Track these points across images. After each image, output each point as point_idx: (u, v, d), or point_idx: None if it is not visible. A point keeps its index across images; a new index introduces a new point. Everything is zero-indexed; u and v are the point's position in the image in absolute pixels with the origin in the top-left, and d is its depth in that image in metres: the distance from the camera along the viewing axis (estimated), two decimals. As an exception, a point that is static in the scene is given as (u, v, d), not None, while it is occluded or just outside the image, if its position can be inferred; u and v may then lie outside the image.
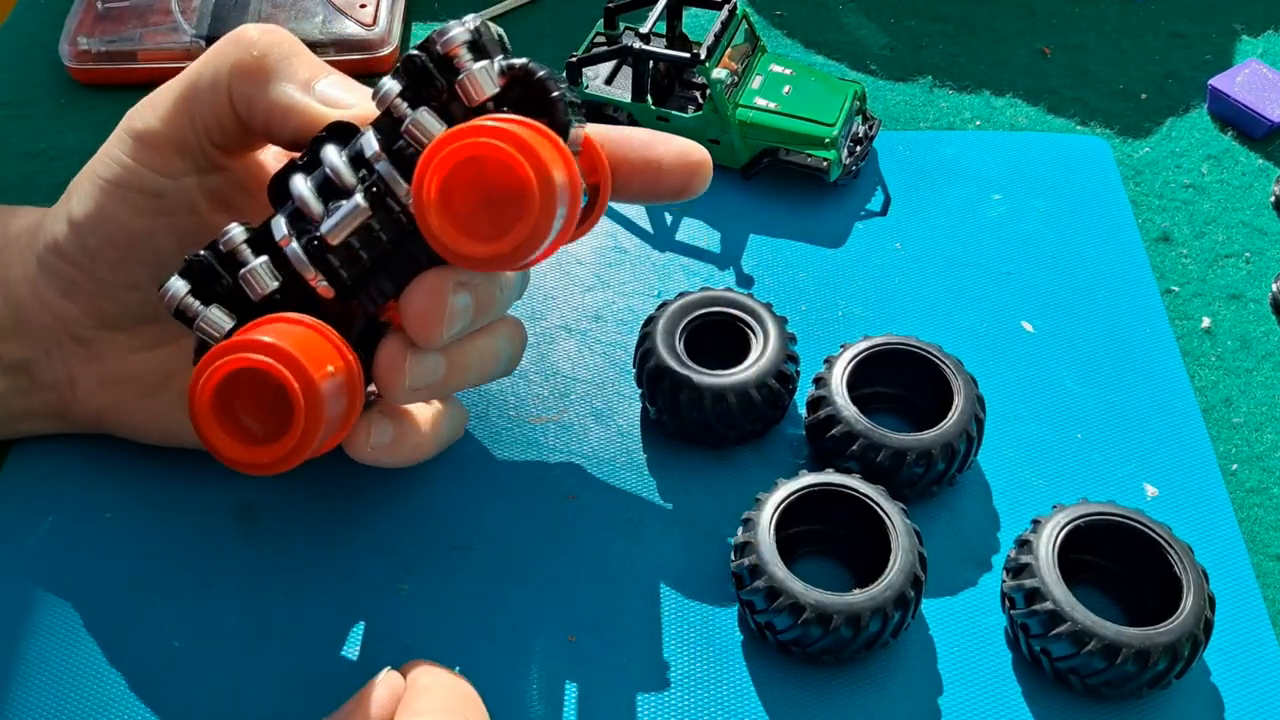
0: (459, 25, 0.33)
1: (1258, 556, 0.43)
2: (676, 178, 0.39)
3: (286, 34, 0.38)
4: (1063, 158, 0.57)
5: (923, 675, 0.40)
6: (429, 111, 0.33)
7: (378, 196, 0.34)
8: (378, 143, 0.34)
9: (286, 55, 0.37)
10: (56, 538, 0.42)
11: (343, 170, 0.34)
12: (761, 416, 0.44)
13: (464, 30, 0.33)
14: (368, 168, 0.34)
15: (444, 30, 0.33)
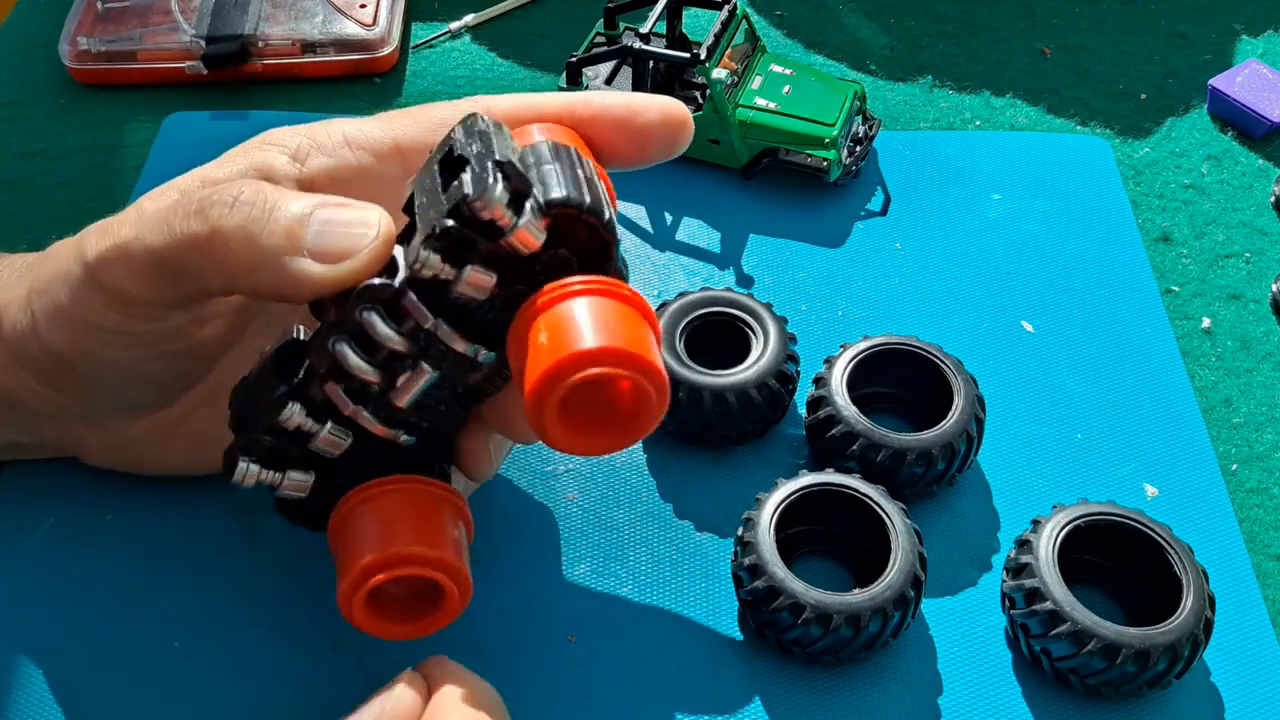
0: (493, 180, 0.29)
1: (1258, 556, 0.43)
2: (661, 142, 0.37)
3: (238, 183, 0.34)
4: (1063, 158, 0.57)
5: (923, 675, 0.40)
6: (477, 270, 0.31)
7: (438, 355, 0.32)
8: (424, 305, 0.31)
9: (247, 223, 0.32)
10: (57, 538, 0.42)
11: (396, 338, 0.32)
12: (761, 416, 0.44)
13: (502, 188, 0.30)
14: (418, 328, 0.32)
15: (481, 195, 0.29)
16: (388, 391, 0.33)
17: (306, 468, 0.34)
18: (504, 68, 0.61)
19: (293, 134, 0.37)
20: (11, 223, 0.54)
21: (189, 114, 0.58)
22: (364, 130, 0.37)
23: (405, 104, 0.59)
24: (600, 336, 0.29)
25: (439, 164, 0.32)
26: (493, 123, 0.32)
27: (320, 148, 0.37)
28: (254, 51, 0.59)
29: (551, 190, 0.30)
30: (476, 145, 0.31)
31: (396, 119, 0.38)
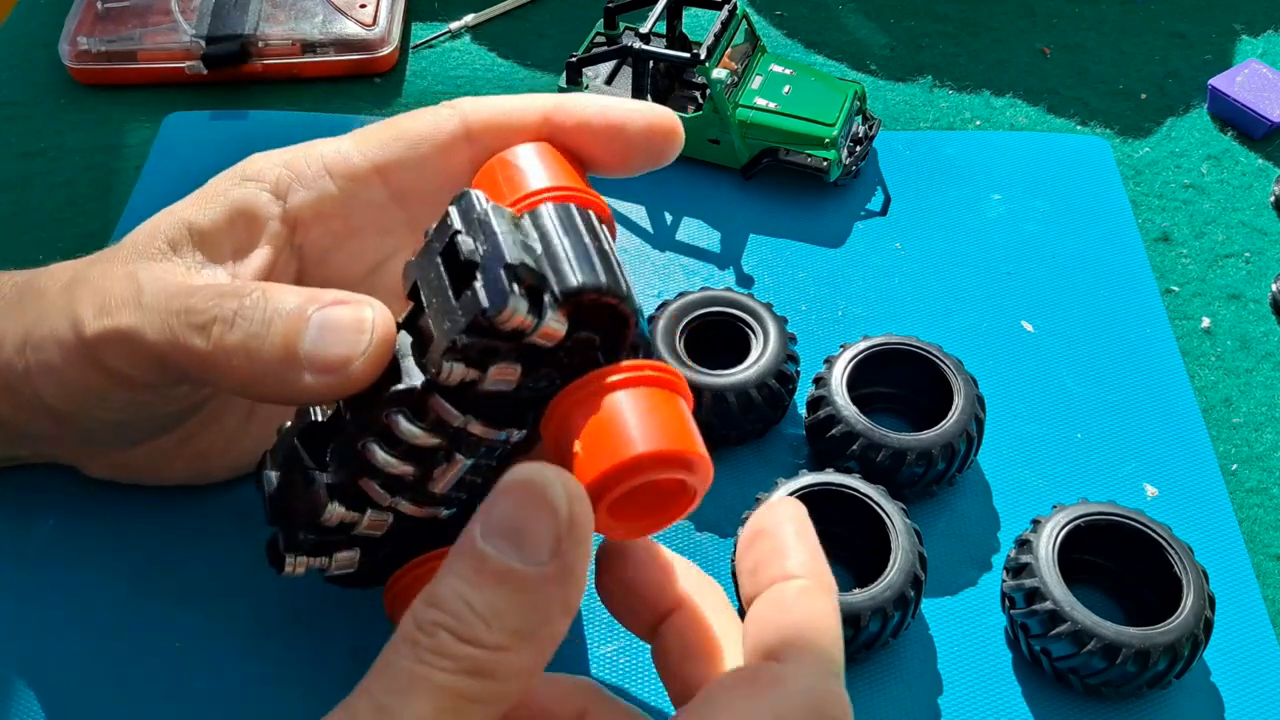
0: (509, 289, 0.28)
1: (1258, 556, 0.43)
2: (646, 152, 0.36)
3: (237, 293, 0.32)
4: (1063, 158, 0.57)
5: (923, 675, 0.40)
6: (502, 366, 0.30)
7: (473, 446, 0.32)
8: (451, 403, 0.31)
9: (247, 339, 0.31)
10: (58, 539, 0.42)
11: (427, 438, 0.31)
12: (761, 416, 0.44)
13: (519, 299, 0.28)
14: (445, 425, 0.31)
15: (499, 308, 0.28)
16: (424, 481, 0.33)
17: (350, 546, 0.35)
18: (504, 68, 0.61)
19: (271, 165, 0.36)
20: (11, 223, 0.54)
21: (189, 114, 0.58)
22: (342, 154, 0.37)
23: (405, 104, 0.59)
24: (648, 440, 0.28)
25: (442, 256, 0.30)
26: (489, 204, 0.30)
27: (300, 179, 0.36)
28: (254, 51, 0.59)
29: (568, 279, 0.29)
30: (481, 242, 0.29)
31: (374, 136, 0.37)
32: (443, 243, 0.30)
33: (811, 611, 0.29)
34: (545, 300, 0.29)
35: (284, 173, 0.36)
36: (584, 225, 0.31)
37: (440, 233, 0.30)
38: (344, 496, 0.33)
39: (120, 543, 0.42)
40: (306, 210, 0.36)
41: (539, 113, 0.36)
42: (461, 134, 0.36)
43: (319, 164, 0.36)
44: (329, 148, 0.37)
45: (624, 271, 0.31)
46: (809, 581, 0.29)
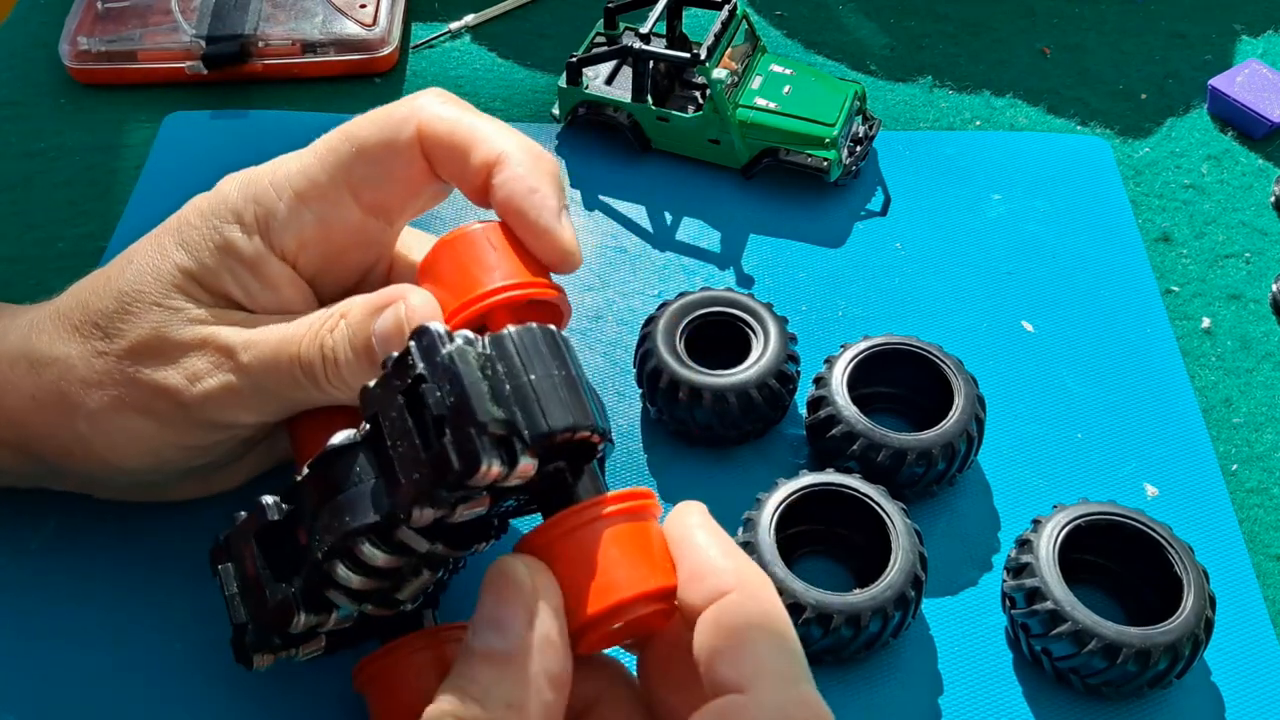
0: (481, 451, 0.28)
1: (1258, 556, 0.43)
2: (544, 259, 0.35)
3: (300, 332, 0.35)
4: (1063, 158, 0.57)
5: (923, 675, 0.40)
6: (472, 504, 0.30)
7: (440, 562, 0.33)
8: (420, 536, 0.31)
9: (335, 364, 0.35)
10: (60, 539, 0.42)
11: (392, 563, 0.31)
12: (762, 416, 0.44)
13: (492, 458, 0.28)
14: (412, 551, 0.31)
15: (474, 469, 0.28)
16: (392, 592, 0.33)
17: (316, 638, 0.35)
18: (504, 68, 0.61)
19: (245, 202, 0.36)
20: (11, 223, 0.54)
21: (189, 114, 0.58)
22: (310, 178, 0.36)
23: (405, 104, 0.59)
24: (631, 584, 0.29)
25: (405, 398, 0.29)
26: (452, 345, 0.29)
27: (273, 213, 0.36)
28: (254, 51, 0.59)
29: (539, 425, 0.28)
30: (447, 392, 0.28)
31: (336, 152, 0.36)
32: (404, 382, 0.29)
33: (751, 625, 0.28)
34: (517, 447, 0.28)
35: (257, 208, 0.36)
36: (549, 349, 0.30)
37: (400, 370, 0.29)
38: (310, 604, 0.32)
39: (121, 544, 0.42)
40: (290, 240, 0.36)
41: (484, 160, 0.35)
42: (416, 147, 0.36)
43: (289, 192, 0.36)
44: (295, 171, 0.36)
45: (590, 392, 0.31)
46: (736, 593, 0.29)
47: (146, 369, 0.35)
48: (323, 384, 0.35)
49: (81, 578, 0.41)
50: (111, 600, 0.41)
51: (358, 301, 0.35)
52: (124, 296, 0.36)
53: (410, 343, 0.29)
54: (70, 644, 0.39)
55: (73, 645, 0.39)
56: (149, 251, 0.36)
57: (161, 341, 0.35)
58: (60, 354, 0.36)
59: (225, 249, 0.36)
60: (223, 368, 0.35)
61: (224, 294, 0.36)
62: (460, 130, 0.35)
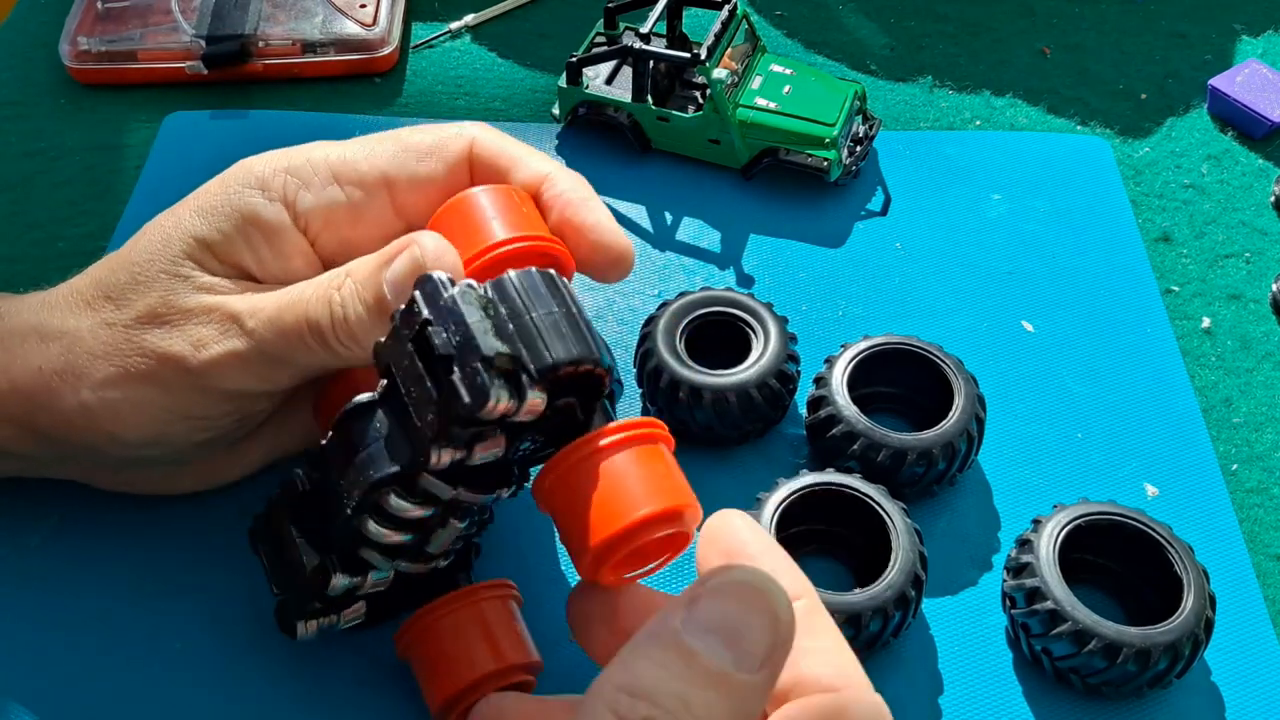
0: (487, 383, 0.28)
1: (1258, 556, 0.43)
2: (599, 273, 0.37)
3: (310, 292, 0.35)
4: (1063, 158, 0.57)
5: (923, 675, 0.40)
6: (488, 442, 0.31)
7: (465, 510, 0.34)
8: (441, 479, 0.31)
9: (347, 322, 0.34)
10: (60, 538, 0.42)
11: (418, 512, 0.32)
12: (762, 416, 0.44)
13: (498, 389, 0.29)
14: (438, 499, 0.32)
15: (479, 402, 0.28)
16: (423, 545, 0.34)
17: (356, 602, 0.36)
18: (504, 68, 0.61)
19: (274, 171, 0.37)
20: (11, 223, 0.54)
21: (189, 114, 0.58)
22: (348, 161, 0.37)
23: (405, 104, 0.59)
24: (648, 500, 0.30)
25: (414, 344, 0.30)
26: (455, 288, 0.30)
27: (306, 185, 0.36)
28: (254, 51, 0.59)
29: (544, 357, 0.29)
30: (452, 332, 0.29)
31: (380, 146, 0.37)
32: (412, 330, 0.30)
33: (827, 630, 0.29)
34: (524, 381, 0.29)
35: (289, 179, 0.36)
36: (549, 290, 0.31)
37: (408, 319, 0.30)
38: (345, 565, 0.33)
39: (121, 541, 0.42)
40: (316, 217, 0.36)
41: (534, 174, 0.36)
42: (466, 160, 0.37)
43: (325, 170, 0.37)
44: (333, 153, 0.37)
45: (592, 329, 0.31)
46: (805, 600, 0.29)
47: (152, 337, 0.35)
48: (332, 343, 0.34)
49: (83, 574, 0.41)
50: (113, 597, 0.41)
51: (364, 259, 0.35)
52: (134, 267, 0.36)
53: (415, 291, 0.30)
54: (71, 640, 0.39)
55: (74, 641, 0.39)
56: (164, 223, 0.37)
57: (168, 308, 0.35)
58: (70, 326, 0.36)
59: (246, 214, 0.36)
60: (229, 334, 0.35)
61: (236, 263, 0.36)
62: (509, 148, 0.37)
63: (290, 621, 0.35)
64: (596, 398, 0.32)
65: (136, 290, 0.36)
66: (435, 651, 0.36)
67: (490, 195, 0.36)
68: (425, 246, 0.33)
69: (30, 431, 0.38)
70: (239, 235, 0.36)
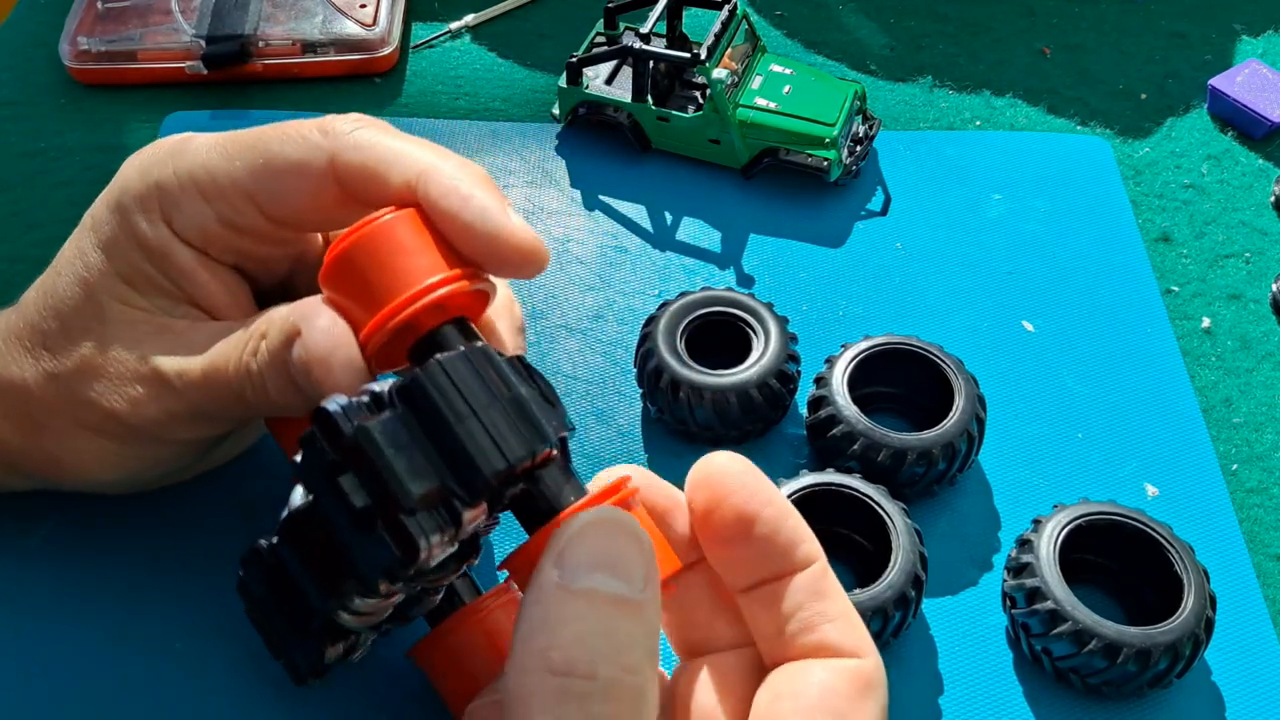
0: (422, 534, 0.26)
1: (1258, 556, 0.43)
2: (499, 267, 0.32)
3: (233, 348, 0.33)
4: (1063, 158, 0.57)
5: (923, 675, 0.40)
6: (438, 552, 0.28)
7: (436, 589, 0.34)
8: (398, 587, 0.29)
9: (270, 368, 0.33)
10: (58, 539, 0.42)
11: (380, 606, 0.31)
12: (762, 416, 0.44)
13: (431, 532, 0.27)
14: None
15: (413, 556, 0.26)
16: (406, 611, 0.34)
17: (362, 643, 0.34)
18: (504, 68, 0.61)
19: (146, 187, 0.34)
20: (12, 223, 0.54)
21: (189, 114, 0.58)
22: (212, 173, 0.34)
23: (405, 104, 0.59)
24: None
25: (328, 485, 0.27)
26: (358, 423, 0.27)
27: (176, 204, 0.34)
28: (254, 51, 0.59)
29: (470, 479, 0.26)
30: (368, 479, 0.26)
31: (241, 158, 0.34)
32: (323, 470, 0.27)
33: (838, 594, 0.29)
34: (456, 506, 0.27)
35: (162, 197, 0.34)
36: (466, 380, 0.27)
37: (314, 459, 0.27)
38: (333, 636, 0.32)
39: (119, 542, 0.42)
40: (194, 234, 0.35)
41: (404, 180, 0.32)
42: (329, 175, 0.33)
43: (191, 185, 0.34)
44: (196, 162, 0.34)
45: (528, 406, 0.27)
46: (819, 562, 0.29)
47: (94, 392, 0.35)
48: (256, 407, 0.33)
49: (79, 577, 0.41)
50: (110, 599, 0.40)
51: (276, 319, 0.32)
52: (61, 315, 0.35)
53: (314, 426, 0.27)
54: (69, 643, 0.39)
55: (71, 644, 0.39)
56: (73, 260, 0.35)
57: (100, 362, 0.35)
58: (17, 377, 0.36)
59: (138, 239, 0.34)
60: (160, 396, 0.34)
61: (155, 289, 0.35)
62: (376, 153, 0.33)
63: (304, 677, 0.33)
64: (544, 466, 0.29)
65: (69, 337, 0.35)
66: (452, 672, 0.36)
67: (376, 240, 0.31)
68: (310, 345, 0.31)
69: (16, 473, 0.38)
70: (143, 262, 0.35)
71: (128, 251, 0.35)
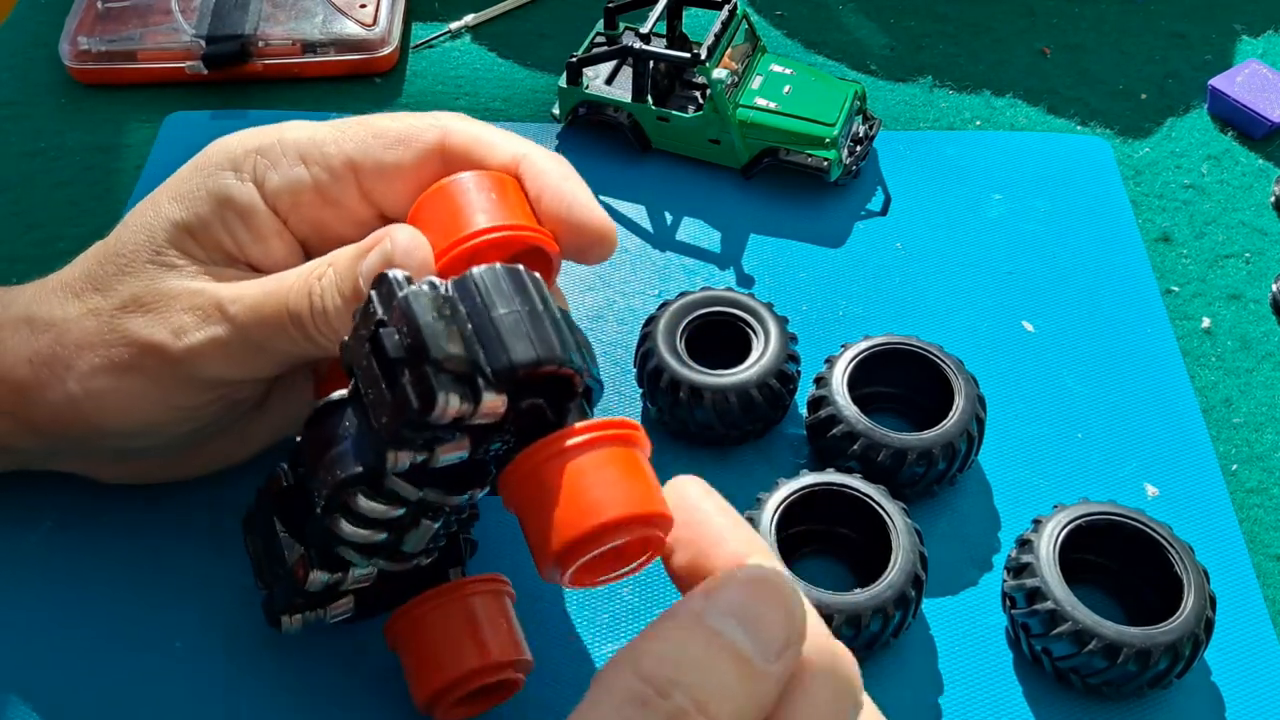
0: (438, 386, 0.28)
1: (1258, 556, 0.43)
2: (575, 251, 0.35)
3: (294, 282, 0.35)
4: (1063, 158, 0.57)
5: (923, 675, 0.40)
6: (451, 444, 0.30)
7: (437, 510, 0.33)
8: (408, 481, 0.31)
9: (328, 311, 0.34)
10: (58, 538, 0.42)
11: (391, 512, 0.32)
12: (762, 416, 0.44)
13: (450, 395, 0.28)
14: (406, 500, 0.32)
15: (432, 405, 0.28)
16: (397, 544, 0.33)
17: (341, 597, 0.36)
18: (504, 68, 0.61)
19: (245, 152, 0.36)
20: (12, 222, 0.54)
21: (189, 114, 0.58)
22: (317, 142, 0.36)
23: (405, 104, 0.59)
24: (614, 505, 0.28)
25: (370, 345, 0.29)
26: (410, 287, 0.29)
27: (274, 165, 0.36)
28: (254, 51, 0.59)
29: (499, 359, 0.28)
30: (404, 335, 0.28)
31: (350, 131, 0.37)
32: (369, 330, 0.29)
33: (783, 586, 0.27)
34: (479, 384, 0.28)
35: (259, 159, 0.36)
36: (514, 287, 0.29)
37: (365, 319, 0.30)
38: (324, 562, 0.33)
39: (118, 542, 0.42)
40: (283, 197, 0.36)
41: (510, 156, 0.36)
42: (438, 150, 0.36)
43: (293, 150, 0.36)
44: (303, 134, 0.37)
45: (562, 329, 0.30)
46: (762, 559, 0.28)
47: (134, 324, 0.35)
48: (311, 333, 0.34)
49: (79, 574, 0.41)
50: (110, 597, 0.41)
51: (345, 250, 0.35)
52: (119, 257, 0.36)
53: (371, 291, 0.30)
54: (70, 639, 0.39)
55: (71, 641, 0.39)
56: (144, 211, 0.37)
57: (151, 295, 0.35)
58: (58, 317, 0.37)
59: (220, 196, 0.36)
60: (210, 320, 0.35)
61: (217, 245, 0.36)
62: (484, 132, 0.36)
63: (275, 615, 0.35)
64: (569, 398, 0.31)
65: (121, 279, 0.36)
66: (422, 645, 0.36)
67: (472, 182, 0.35)
68: (396, 241, 0.33)
69: (25, 425, 0.38)
70: (215, 218, 0.36)
71: (201, 204, 0.36)
